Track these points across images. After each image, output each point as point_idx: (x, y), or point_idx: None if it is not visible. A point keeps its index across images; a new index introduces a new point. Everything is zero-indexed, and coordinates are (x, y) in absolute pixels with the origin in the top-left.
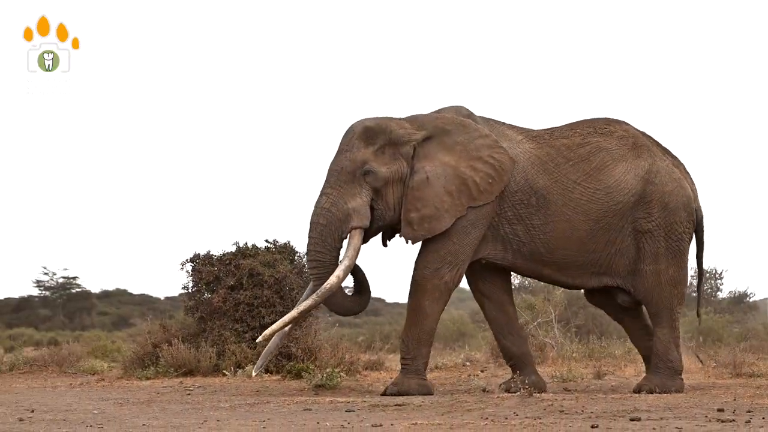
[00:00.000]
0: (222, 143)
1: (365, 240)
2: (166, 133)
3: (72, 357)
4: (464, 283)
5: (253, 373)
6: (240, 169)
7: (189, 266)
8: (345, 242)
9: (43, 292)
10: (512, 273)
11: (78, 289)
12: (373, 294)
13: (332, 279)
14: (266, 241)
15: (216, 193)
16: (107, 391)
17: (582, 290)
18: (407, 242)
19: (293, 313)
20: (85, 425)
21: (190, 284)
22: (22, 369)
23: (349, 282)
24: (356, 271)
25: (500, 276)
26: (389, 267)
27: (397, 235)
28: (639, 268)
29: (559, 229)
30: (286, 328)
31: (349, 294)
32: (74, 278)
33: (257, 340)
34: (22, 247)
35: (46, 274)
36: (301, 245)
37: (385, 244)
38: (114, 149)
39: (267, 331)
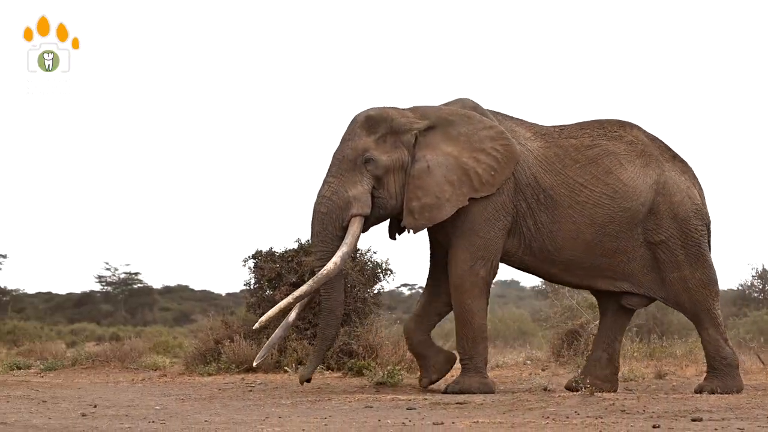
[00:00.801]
0: (279, 140)
1: (365, 228)
2: (215, 130)
3: (134, 352)
4: (523, 280)
5: (254, 364)
6: (302, 166)
7: (251, 263)
8: None
9: (105, 287)
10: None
11: (139, 285)
12: None
13: (329, 265)
14: None
15: (278, 190)
16: (169, 386)
17: None
18: (409, 232)
19: (288, 299)
20: (147, 421)
21: (252, 281)
22: (84, 364)
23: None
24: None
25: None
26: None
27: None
28: (664, 277)
29: (565, 229)
30: (290, 318)
31: None
32: (136, 274)
33: (254, 327)
34: (84, 243)
35: (108, 269)
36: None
37: (393, 237)
38: (120, 148)
39: (263, 318)
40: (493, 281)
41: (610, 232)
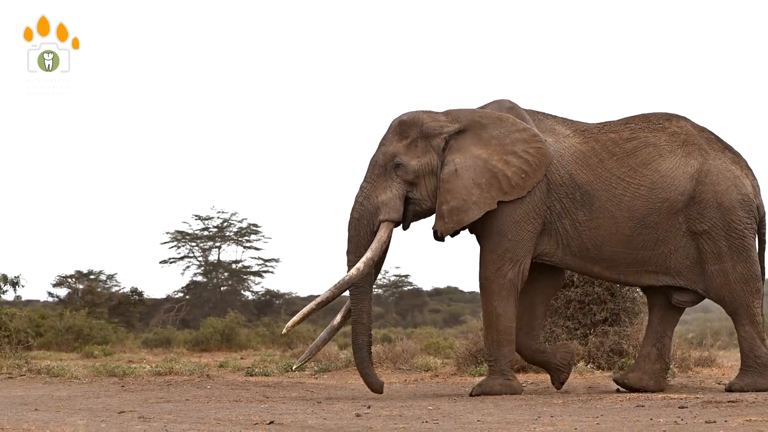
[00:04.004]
0: None
1: (405, 228)
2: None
3: (406, 354)
4: None
5: (294, 368)
6: None
7: None
8: None
9: (376, 290)
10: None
11: (410, 287)
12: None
13: (352, 271)
14: None
15: None
16: (441, 387)
17: None
18: (440, 234)
19: (311, 305)
20: (421, 421)
21: None
22: None
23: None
24: None
25: (546, 277)
26: None
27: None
28: (705, 269)
29: (604, 225)
30: (335, 322)
31: None
32: (406, 276)
33: (282, 332)
34: None
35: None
36: None
37: (438, 239)
38: (120, 148)
39: (289, 323)
40: None
41: (649, 224)
